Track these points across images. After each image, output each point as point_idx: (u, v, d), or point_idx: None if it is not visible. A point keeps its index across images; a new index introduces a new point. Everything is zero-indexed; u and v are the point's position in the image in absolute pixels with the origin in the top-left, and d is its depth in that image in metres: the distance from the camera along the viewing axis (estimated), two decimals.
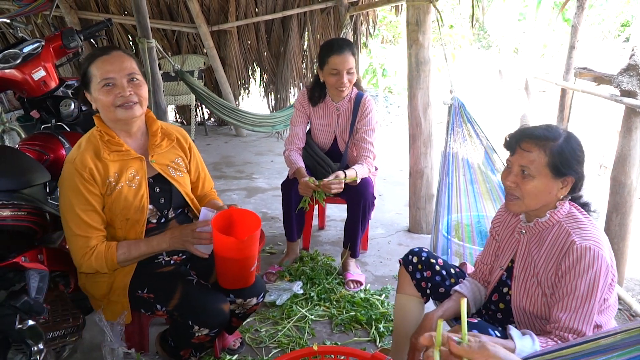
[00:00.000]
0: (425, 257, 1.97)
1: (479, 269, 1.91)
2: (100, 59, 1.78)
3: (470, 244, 2.92)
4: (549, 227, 1.62)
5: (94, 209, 1.79)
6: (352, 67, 2.82)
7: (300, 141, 3.05)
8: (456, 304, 1.80)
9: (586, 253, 1.47)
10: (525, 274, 1.66)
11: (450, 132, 2.95)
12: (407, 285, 1.99)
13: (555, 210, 1.61)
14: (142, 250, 1.81)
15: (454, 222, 3.01)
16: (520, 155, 1.59)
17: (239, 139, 6.62)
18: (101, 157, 1.81)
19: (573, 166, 1.55)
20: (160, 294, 1.85)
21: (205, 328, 1.79)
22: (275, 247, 3.43)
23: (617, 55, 8.42)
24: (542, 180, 1.56)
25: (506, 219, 1.83)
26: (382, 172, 4.53)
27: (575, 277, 1.48)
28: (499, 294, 1.80)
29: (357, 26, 5.90)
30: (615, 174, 2.73)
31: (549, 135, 1.56)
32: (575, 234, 1.53)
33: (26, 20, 5.32)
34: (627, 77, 2.62)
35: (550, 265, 1.57)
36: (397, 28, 10.20)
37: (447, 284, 1.94)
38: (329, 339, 2.44)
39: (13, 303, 1.66)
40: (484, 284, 1.88)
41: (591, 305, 1.47)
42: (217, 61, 6.22)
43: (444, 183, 2.99)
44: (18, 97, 2.76)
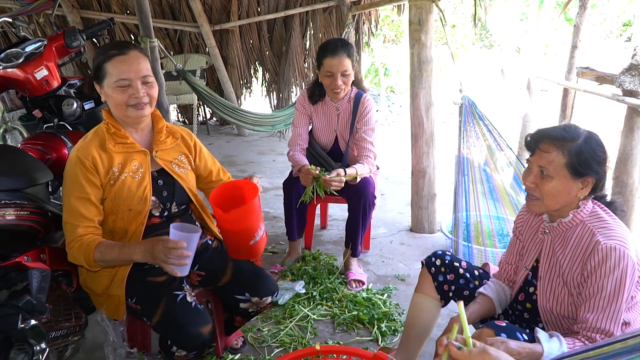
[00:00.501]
0: (449, 260, 1.96)
1: (504, 269, 1.90)
2: (117, 59, 1.79)
3: (491, 247, 2.91)
4: (573, 227, 1.61)
5: (89, 198, 1.78)
6: (347, 70, 2.80)
7: (303, 142, 3.05)
8: (481, 306, 1.79)
9: (612, 253, 1.46)
10: (551, 274, 1.66)
11: (462, 131, 2.93)
12: (428, 287, 1.98)
13: (579, 210, 1.60)
14: (115, 254, 1.74)
15: (473, 225, 2.99)
16: (539, 155, 1.58)
17: (241, 138, 6.62)
18: (106, 148, 1.83)
19: (592, 166, 1.54)
20: (145, 307, 1.84)
21: (182, 349, 1.77)
22: (278, 247, 3.44)
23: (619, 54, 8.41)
24: (560, 181, 1.55)
25: (529, 219, 1.82)
26: (384, 172, 4.54)
27: (602, 277, 1.47)
28: (525, 294, 1.79)
29: (359, 25, 5.90)
30: (618, 173, 2.73)
31: (566, 136, 1.55)
32: (600, 233, 1.52)
33: (28, 20, 5.32)
34: (629, 77, 2.62)
35: (576, 266, 1.57)
36: (400, 27, 10.21)
37: (472, 286, 1.93)
38: (331, 338, 2.44)
39: (15, 302, 1.67)
40: (508, 284, 1.87)
41: (618, 304, 1.46)
42: (219, 60, 6.22)
43: (460, 185, 2.96)
44: (20, 96, 2.76)
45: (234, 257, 2.01)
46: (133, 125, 1.91)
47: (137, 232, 1.89)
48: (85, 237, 1.75)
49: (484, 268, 2.07)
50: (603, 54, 8.72)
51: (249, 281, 1.99)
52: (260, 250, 1.98)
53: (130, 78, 1.79)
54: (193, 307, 1.84)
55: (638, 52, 2.60)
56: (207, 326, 1.81)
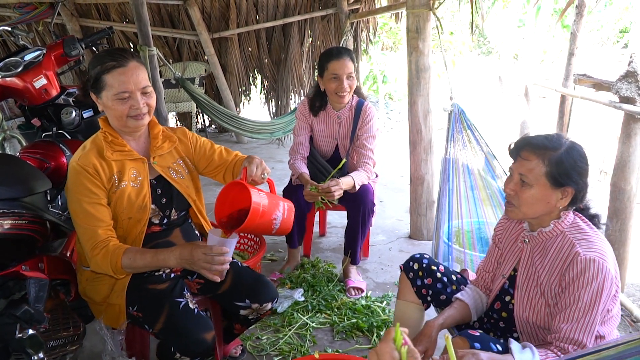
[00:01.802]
0: (427, 263, 1.96)
1: (481, 276, 1.90)
2: (117, 71, 1.78)
3: (471, 250, 2.92)
4: (553, 237, 1.61)
5: (100, 202, 1.79)
6: (351, 72, 2.84)
7: (304, 150, 3.05)
8: (457, 311, 1.79)
9: (591, 265, 1.46)
10: (528, 284, 1.65)
11: (450, 138, 2.96)
12: (408, 292, 1.98)
13: (560, 220, 1.60)
14: (147, 261, 1.76)
15: (455, 228, 3.01)
16: (520, 163, 1.59)
17: (240, 145, 6.63)
18: (104, 156, 1.83)
19: (573, 177, 1.54)
20: (147, 315, 1.84)
21: (186, 356, 1.77)
22: (276, 254, 3.43)
23: (616, 61, 8.44)
24: (539, 190, 1.55)
25: (509, 226, 1.82)
26: (383, 179, 4.53)
27: (579, 288, 1.47)
28: (501, 302, 1.79)
29: (358, 33, 5.93)
30: (615, 180, 2.73)
31: (548, 145, 1.55)
32: (580, 245, 1.52)
33: (27, 28, 5.34)
34: (626, 84, 2.62)
35: (554, 276, 1.57)
36: (398, 35, 10.24)
37: (449, 291, 1.93)
38: (330, 346, 2.44)
39: (13, 312, 1.67)
40: (485, 291, 1.87)
41: (593, 316, 1.46)
42: (218, 68, 6.24)
43: (444, 189, 2.99)
44: (19, 105, 2.76)
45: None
46: (130, 134, 1.91)
47: (136, 240, 1.88)
48: (110, 243, 1.75)
49: (463, 274, 2.08)
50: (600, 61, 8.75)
51: (249, 287, 1.98)
52: (288, 228, 1.92)
53: (130, 90, 1.79)
54: (196, 313, 1.83)
55: (635, 59, 2.61)
56: (210, 332, 1.80)
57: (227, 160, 2.10)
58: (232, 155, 2.12)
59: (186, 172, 2.04)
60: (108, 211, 1.81)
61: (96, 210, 1.77)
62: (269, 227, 1.82)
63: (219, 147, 2.14)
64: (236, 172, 2.04)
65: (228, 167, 2.08)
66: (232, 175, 2.05)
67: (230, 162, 2.09)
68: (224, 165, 2.09)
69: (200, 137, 2.13)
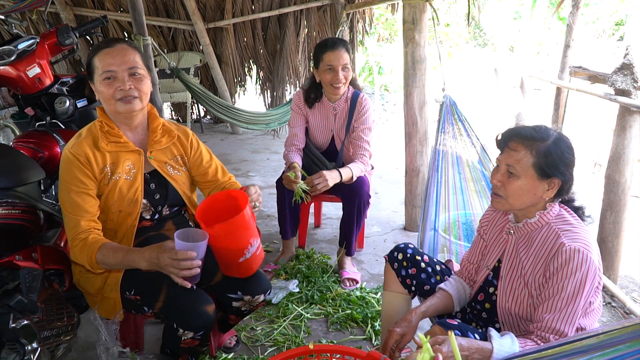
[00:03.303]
0: (411, 253, 1.96)
1: (465, 267, 1.91)
2: (103, 51, 1.78)
3: (456, 240, 2.93)
4: (538, 228, 1.62)
5: (87, 192, 1.77)
6: (347, 63, 2.83)
7: (299, 142, 3.05)
8: (440, 301, 1.80)
9: (575, 255, 1.47)
10: (512, 275, 1.66)
11: (441, 129, 2.96)
12: (393, 282, 2.00)
13: (545, 211, 1.61)
14: (118, 259, 1.70)
15: (442, 218, 3.01)
16: (508, 154, 1.59)
17: (235, 136, 6.61)
18: (99, 146, 1.82)
19: (559, 168, 1.54)
20: (146, 296, 1.83)
21: (189, 331, 1.77)
22: (271, 246, 3.43)
23: (611, 54, 8.45)
24: (526, 181, 1.56)
25: (494, 218, 1.82)
26: (378, 170, 4.54)
27: (563, 278, 1.48)
28: (484, 294, 1.80)
29: (354, 24, 5.91)
30: (610, 172, 2.74)
31: (536, 136, 1.56)
32: (565, 235, 1.53)
33: (21, 17, 5.28)
34: (622, 76, 2.63)
35: (538, 267, 1.57)
36: (394, 26, 10.21)
37: (433, 281, 1.94)
38: (325, 337, 2.45)
39: (7, 302, 1.66)
40: (469, 282, 1.88)
41: (576, 306, 1.47)
42: (213, 58, 6.21)
43: (433, 179, 2.98)
44: (12, 94, 2.74)
45: (226, 274, 1.89)
46: (126, 123, 1.89)
47: (127, 234, 1.87)
48: (90, 236, 1.73)
49: (447, 264, 2.08)
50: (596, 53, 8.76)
51: (241, 280, 1.97)
52: (253, 268, 1.86)
53: (115, 70, 1.77)
54: (195, 289, 1.83)
55: (630, 52, 2.61)
56: (211, 305, 1.81)
57: (219, 180, 2.11)
58: (226, 177, 2.13)
59: (183, 169, 2.03)
60: (95, 202, 1.80)
61: (82, 200, 1.76)
62: (242, 248, 1.75)
63: (215, 164, 2.12)
64: None
65: (217, 187, 2.09)
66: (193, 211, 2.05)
67: (222, 183, 2.10)
68: (214, 184, 2.10)
69: (201, 144, 2.11)
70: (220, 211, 1.80)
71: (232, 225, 1.68)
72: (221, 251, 1.77)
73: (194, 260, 1.60)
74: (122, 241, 1.87)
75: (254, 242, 1.79)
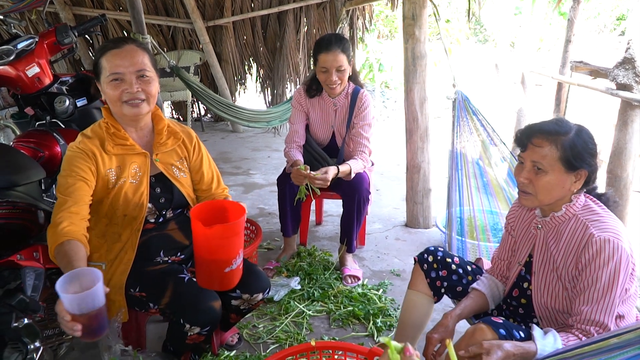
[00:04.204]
0: (441, 256, 1.95)
1: (496, 265, 1.90)
2: (111, 52, 1.76)
3: (485, 242, 2.91)
4: (566, 221, 1.61)
5: (84, 179, 1.74)
6: (342, 65, 2.80)
7: (299, 139, 3.04)
8: (474, 301, 1.79)
9: (605, 245, 1.47)
10: (545, 269, 1.66)
11: (456, 127, 2.93)
12: (420, 283, 1.98)
13: (571, 203, 1.61)
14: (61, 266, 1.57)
15: (467, 220, 2.99)
16: (532, 150, 1.58)
17: (236, 134, 6.61)
18: (105, 149, 1.81)
19: (586, 159, 1.54)
20: (152, 293, 1.83)
21: (196, 326, 1.77)
22: (273, 243, 3.43)
23: (613, 48, 8.42)
24: (555, 175, 1.55)
25: (521, 214, 1.82)
26: (379, 167, 4.53)
27: (596, 269, 1.48)
28: (519, 290, 1.79)
29: (354, 21, 5.89)
30: (612, 167, 2.73)
31: (559, 130, 1.55)
32: (593, 226, 1.52)
33: (20, 17, 5.28)
34: (623, 71, 2.62)
35: (570, 259, 1.57)
36: (394, 23, 10.18)
37: (464, 282, 1.93)
38: (327, 334, 2.44)
39: (9, 301, 1.66)
40: (501, 279, 1.87)
41: (612, 296, 1.47)
42: (213, 57, 6.20)
43: (453, 180, 2.96)
44: (12, 93, 2.74)
45: (204, 287, 1.79)
46: (132, 125, 1.87)
47: (131, 238, 1.86)
48: (64, 225, 1.64)
49: (477, 263, 2.08)
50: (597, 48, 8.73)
51: (241, 278, 1.97)
52: (234, 281, 1.82)
53: (122, 72, 1.74)
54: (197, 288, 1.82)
55: (632, 46, 2.60)
56: (217, 301, 1.80)
57: (211, 189, 2.09)
58: (220, 188, 2.11)
59: (187, 171, 2.03)
60: (88, 192, 1.75)
61: (75, 184, 1.72)
62: (232, 257, 1.72)
63: (212, 172, 2.10)
64: None
65: (207, 197, 2.07)
66: None
67: (212, 194, 2.08)
68: (207, 193, 2.08)
69: (204, 149, 2.10)
70: (213, 218, 1.76)
71: (230, 230, 1.66)
72: (210, 256, 1.70)
73: (80, 313, 1.35)
74: (126, 244, 1.86)
75: (241, 254, 1.77)
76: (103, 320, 1.38)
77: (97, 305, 1.35)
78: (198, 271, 1.77)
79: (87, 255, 1.66)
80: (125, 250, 1.86)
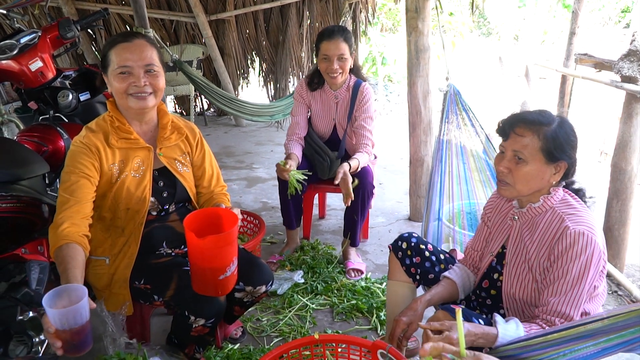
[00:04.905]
0: (415, 242, 1.97)
1: (469, 255, 1.91)
2: (120, 46, 1.76)
3: (460, 229, 2.92)
4: (542, 213, 1.61)
5: (87, 177, 1.75)
6: (343, 54, 2.81)
7: (301, 130, 3.04)
8: (445, 289, 1.80)
9: (579, 238, 1.47)
10: (517, 260, 1.66)
11: (445, 119, 2.94)
12: (398, 272, 2.00)
13: (549, 196, 1.61)
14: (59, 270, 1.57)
15: (446, 208, 3.00)
16: (514, 140, 1.58)
17: (239, 129, 6.61)
18: (109, 143, 1.81)
19: (566, 151, 1.55)
20: (156, 285, 1.84)
21: (201, 318, 1.78)
22: (276, 237, 3.44)
23: (617, 41, 8.37)
24: (535, 166, 1.55)
25: (498, 204, 1.82)
26: (383, 161, 4.53)
27: (568, 261, 1.48)
28: (489, 280, 1.80)
29: (356, 14, 5.87)
30: (616, 160, 2.72)
31: (542, 120, 1.55)
32: (569, 219, 1.52)
33: (23, 11, 5.28)
34: (628, 63, 2.60)
35: (543, 251, 1.57)
36: (397, 16, 10.14)
37: (437, 269, 1.95)
38: (330, 327, 2.45)
39: (14, 295, 1.67)
40: (473, 270, 1.88)
41: (581, 289, 1.47)
42: (215, 51, 6.19)
43: (437, 169, 2.97)
44: (15, 88, 2.75)
45: (199, 292, 1.77)
46: (137, 118, 1.88)
47: (135, 232, 1.87)
48: (64, 227, 1.64)
49: (451, 254, 2.08)
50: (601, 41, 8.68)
51: (243, 270, 1.95)
52: (229, 287, 1.79)
53: (131, 65, 1.75)
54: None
55: (637, 38, 2.58)
56: None
57: (211, 185, 2.09)
58: (218, 187, 2.11)
59: (190, 165, 2.03)
60: (91, 189, 1.76)
61: (78, 180, 1.72)
62: (226, 265, 1.71)
63: (211, 169, 2.10)
64: (205, 207, 2.03)
65: (207, 194, 2.08)
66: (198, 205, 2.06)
67: (212, 190, 2.08)
68: (208, 189, 2.08)
69: (206, 146, 2.10)
70: (206, 228, 1.75)
71: (223, 240, 1.66)
72: (205, 265, 1.69)
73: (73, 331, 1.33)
74: (129, 238, 1.87)
75: (235, 261, 1.77)
76: (86, 336, 1.36)
77: (80, 322, 1.33)
78: (193, 278, 1.76)
79: (86, 256, 1.67)
80: (129, 244, 1.87)
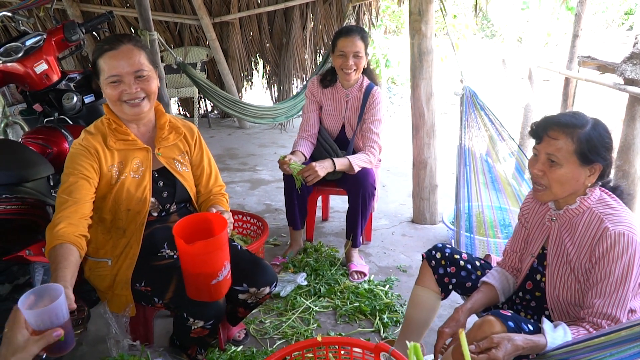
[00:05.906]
0: (449, 253, 1.95)
1: (509, 256, 1.89)
2: (107, 54, 1.75)
3: (494, 238, 2.91)
4: (580, 214, 1.60)
5: (86, 178, 1.75)
6: (359, 51, 2.86)
7: (311, 128, 3.09)
8: (484, 295, 1.79)
9: (620, 239, 1.46)
10: (558, 261, 1.65)
11: (464, 122, 2.92)
12: (428, 279, 1.97)
13: (585, 196, 1.60)
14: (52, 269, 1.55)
15: (475, 216, 2.98)
16: (548, 143, 1.57)
17: (242, 131, 6.62)
18: (108, 144, 1.82)
19: (601, 153, 1.53)
20: (156, 287, 1.85)
21: (199, 320, 1.78)
22: (279, 239, 3.44)
23: (620, 43, 8.36)
24: (569, 168, 1.54)
25: (535, 206, 1.81)
26: (386, 163, 4.53)
27: (610, 262, 1.47)
28: (533, 282, 1.78)
29: (360, 16, 5.88)
30: (619, 162, 2.72)
31: (576, 123, 1.54)
32: (608, 220, 1.51)
33: (28, 14, 5.31)
34: (631, 66, 2.60)
35: (584, 252, 1.56)
36: (400, 18, 10.14)
37: (474, 277, 1.92)
38: (333, 329, 2.45)
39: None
40: (512, 272, 1.86)
41: (625, 290, 1.46)
42: (219, 53, 6.21)
43: (462, 176, 2.95)
44: (21, 90, 2.76)
45: (193, 298, 1.77)
46: (134, 121, 1.88)
47: (136, 233, 1.87)
48: (60, 227, 1.63)
49: (486, 259, 2.07)
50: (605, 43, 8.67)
51: (247, 272, 1.97)
52: (223, 292, 1.80)
53: (120, 74, 1.74)
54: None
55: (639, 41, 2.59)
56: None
57: (208, 186, 2.09)
58: (216, 186, 2.11)
59: (189, 165, 2.04)
60: (89, 190, 1.75)
61: (76, 181, 1.72)
62: (217, 270, 1.71)
63: (210, 169, 2.10)
64: (203, 207, 2.05)
65: (206, 193, 2.08)
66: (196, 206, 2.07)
67: (210, 190, 2.09)
68: (206, 189, 2.09)
69: (204, 145, 2.11)
70: (196, 233, 1.75)
71: (212, 245, 1.65)
72: (196, 270, 1.69)
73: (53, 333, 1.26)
74: (130, 240, 1.88)
75: (227, 265, 1.76)
76: (66, 336, 1.30)
77: (57, 322, 1.29)
78: (186, 284, 1.76)
79: (81, 257, 1.65)
80: (130, 245, 1.87)
